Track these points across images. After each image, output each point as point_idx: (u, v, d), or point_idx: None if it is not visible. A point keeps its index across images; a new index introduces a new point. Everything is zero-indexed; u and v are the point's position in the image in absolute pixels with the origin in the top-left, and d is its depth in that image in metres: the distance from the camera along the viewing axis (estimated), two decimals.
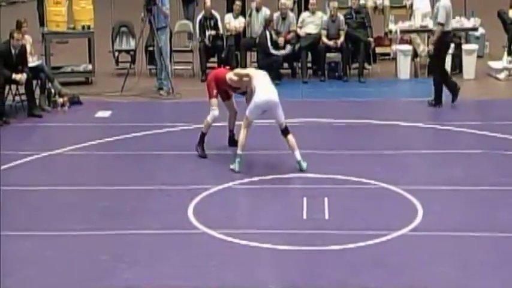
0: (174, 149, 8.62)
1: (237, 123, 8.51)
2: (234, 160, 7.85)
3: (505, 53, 11.57)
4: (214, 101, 8.32)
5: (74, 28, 11.67)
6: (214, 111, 8.27)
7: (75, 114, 10.08)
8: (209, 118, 8.30)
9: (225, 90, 8.45)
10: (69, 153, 8.57)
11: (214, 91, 8.35)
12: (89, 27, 11.57)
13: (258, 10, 11.91)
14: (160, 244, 6.26)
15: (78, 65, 11.73)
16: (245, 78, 8.10)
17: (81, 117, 9.94)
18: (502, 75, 11.40)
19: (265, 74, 8.19)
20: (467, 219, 6.63)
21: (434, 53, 10.05)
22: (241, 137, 7.87)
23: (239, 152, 7.84)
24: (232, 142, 8.55)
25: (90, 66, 11.64)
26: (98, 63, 11.73)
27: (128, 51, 12.10)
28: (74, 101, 10.48)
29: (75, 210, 6.95)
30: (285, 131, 7.91)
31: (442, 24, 9.82)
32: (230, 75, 8.26)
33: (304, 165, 7.78)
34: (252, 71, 8.51)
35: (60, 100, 10.37)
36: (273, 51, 11.32)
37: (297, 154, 7.81)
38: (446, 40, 9.99)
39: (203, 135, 8.35)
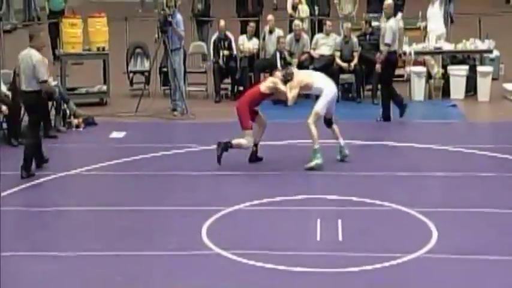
0: (188, 169, 8.63)
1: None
2: (314, 156, 8.37)
3: None
4: (249, 132, 8.50)
5: (89, 49, 11.78)
6: (250, 143, 8.50)
7: (90, 135, 10.14)
8: (244, 144, 8.47)
9: (254, 111, 8.61)
10: (84, 173, 8.60)
11: (250, 122, 8.51)
12: (103, 49, 11.68)
13: (271, 32, 11.98)
14: (174, 265, 6.25)
15: (93, 86, 11.82)
16: (306, 85, 8.61)
17: (96, 138, 10.00)
18: None
19: (311, 71, 9.09)
20: (482, 243, 6.57)
21: (381, 72, 10.43)
22: (314, 132, 8.46)
23: (316, 146, 8.41)
24: (255, 158, 8.63)
25: (104, 87, 11.72)
26: (113, 84, 11.82)
27: (142, 72, 12.19)
28: (89, 122, 10.54)
29: (90, 231, 6.97)
30: (331, 122, 8.73)
31: (388, 45, 10.29)
32: (276, 85, 8.51)
33: (346, 152, 8.63)
34: (302, 75, 8.84)
35: (75, 121, 10.44)
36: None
37: (341, 141, 8.72)
38: (392, 59, 10.44)
39: (230, 146, 8.43)
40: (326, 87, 8.66)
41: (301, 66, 11.61)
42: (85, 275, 6.06)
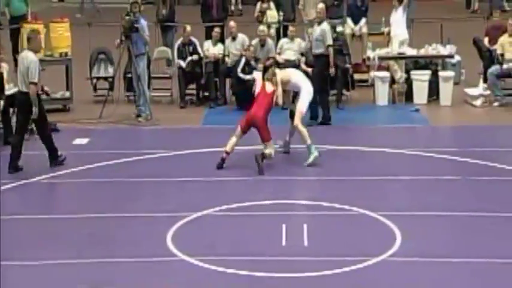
0: (153, 176, 8.57)
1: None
2: (310, 152, 8.68)
3: (481, 80, 11.73)
4: (271, 142, 8.76)
5: (51, 55, 11.63)
6: (273, 152, 8.75)
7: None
8: (272, 155, 8.72)
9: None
10: (46, 181, 8.48)
11: (269, 133, 8.77)
12: (66, 54, 11.54)
13: (234, 38, 11.97)
14: (139, 272, 6.19)
15: (55, 92, 11.65)
16: (284, 81, 8.97)
17: (58, 145, 9.78)
18: (478, 102, 11.53)
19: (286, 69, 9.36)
20: (445, 246, 6.65)
21: (324, 74, 10.56)
22: (303, 130, 8.81)
23: (309, 142, 8.74)
24: (222, 166, 8.78)
25: (67, 93, 11.58)
26: (76, 90, 11.68)
27: (106, 78, 12.07)
28: (51, 129, 10.35)
29: (52, 239, 6.87)
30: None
31: (331, 45, 10.64)
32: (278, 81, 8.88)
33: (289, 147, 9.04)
34: (284, 72, 9.22)
35: None
36: (240, 74, 11.36)
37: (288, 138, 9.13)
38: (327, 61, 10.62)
39: (263, 158, 8.60)
40: (304, 86, 9.06)
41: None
42: (48, 284, 5.96)
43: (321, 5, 11.13)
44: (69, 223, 7.24)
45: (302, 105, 9.00)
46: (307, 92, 9.06)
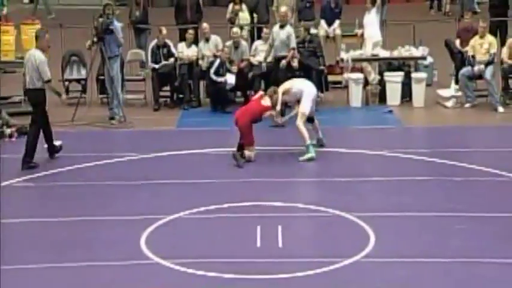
0: (127, 179, 8.51)
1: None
2: (308, 151, 8.94)
3: (453, 82, 11.85)
4: (252, 147, 8.92)
5: (22, 57, 11.47)
6: (253, 155, 8.92)
7: (24, 145, 9.86)
8: (252, 157, 8.89)
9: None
10: (17, 185, 8.37)
11: (252, 138, 8.90)
12: None
13: (207, 40, 11.95)
14: (113, 275, 6.15)
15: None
16: (285, 91, 9.23)
17: None
18: (449, 103, 11.65)
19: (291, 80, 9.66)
20: (418, 246, 6.70)
21: (286, 76, 10.71)
22: (304, 131, 9.08)
23: (308, 142, 9.02)
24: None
25: None
26: (48, 92, 11.53)
27: (78, 81, 11.97)
28: (22, 132, 10.27)
29: (26, 243, 6.79)
30: (313, 119, 9.50)
31: (294, 48, 11.07)
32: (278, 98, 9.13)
33: (324, 141, 9.41)
34: (284, 86, 9.40)
35: (8, 131, 10.18)
36: (212, 76, 11.35)
37: (320, 133, 9.48)
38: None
39: (242, 157, 8.78)
40: (305, 88, 9.31)
41: (240, 73, 11.63)
42: None
43: (284, 9, 11.26)
44: (41, 227, 7.16)
45: (304, 107, 9.18)
46: (308, 93, 9.28)
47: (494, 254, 6.47)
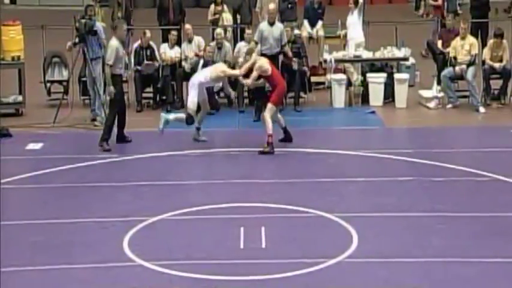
0: (109, 180, 8.47)
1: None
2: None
3: (435, 82, 11.92)
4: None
5: (3, 59, 11.40)
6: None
7: (5, 147, 9.79)
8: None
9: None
10: None
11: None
12: (19, 58, 11.32)
13: (190, 41, 11.91)
14: (96, 278, 6.12)
15: (7, 97, 11.43)
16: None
17: (11, 150, 9.66)
18: (432, 104, 11.72)
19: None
20: (400, 246, 6.73)
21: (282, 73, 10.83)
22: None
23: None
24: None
25: (20, 98, 11.36)
26: (29, 94, 11.47)
27: (60, 82, 11.89)
28: (3, 134, 10.19)
29: (6, 247, 6.71)
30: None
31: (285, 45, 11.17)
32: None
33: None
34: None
35: None
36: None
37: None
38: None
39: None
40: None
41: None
42: None
43: (273, 6, 11.23)
44: (21, 229, 7.10)
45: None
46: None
47: (474, 253, 6.52)
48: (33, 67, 11.89)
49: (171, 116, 9.77)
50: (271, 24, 11.02)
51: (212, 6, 13.45)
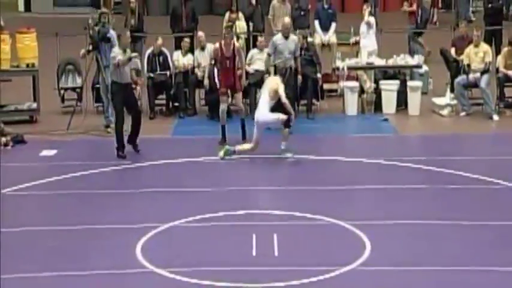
0: (122, 187, 8.49)
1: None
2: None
3: (448, 90, 11.88)
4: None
5: (17, 66, 11.48)
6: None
7: (19, 154, 9.85)
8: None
9: None
10: (12, 193, 8.35)
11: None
12: (33, 65, 11.40)
13: (202, 48, 11.95)
14: (109, 284, 6.13)
15: (22, 103, 11.51)
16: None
17: (25, 157, 9.72)
18: (445, 112, 11.68)
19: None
20: (414, 254, 6.70)
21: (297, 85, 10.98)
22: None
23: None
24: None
25: (34, 105, 11.44)
26: (43, 101, 11.55)
27: (74, 89, 11.96)
28: (18, 140, 10.26)
29: (20, 252, 6.76)
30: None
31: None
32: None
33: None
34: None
35: (3, 139, 10.14)
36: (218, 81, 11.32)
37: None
38: None
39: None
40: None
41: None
42: None
43: (287, 20, 11.22)
44: (36, 236, 7.13)
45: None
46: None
47: (488, 262, 6.47)
48: (47, 74, 11.97)
49: (237, 148, 9.39)
50: (286, 37, 10.98)
51: (227, 14, 13.49)
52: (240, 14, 13.43)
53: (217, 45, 10.15)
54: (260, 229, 7.23)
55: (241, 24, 13.35)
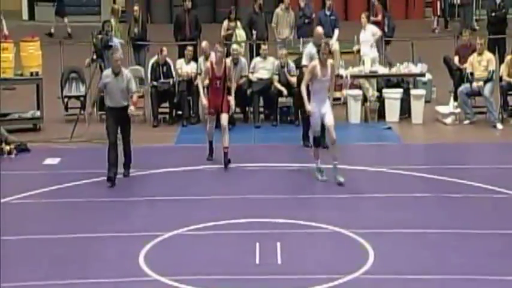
0: (125, 195, 8.49)
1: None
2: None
3: (451, 98, 11.87)
4: None
5: (21, 74, 11.51)
6: None
7: (23, 162, 9.86)
8: None
9: None
10: (16, 201, 8.35)
11: None
12: (37, 73, 11.43)
13: (206, 58, 11.96)
14: None
15: (25, 112, 11.54)
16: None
17: (29, 165, 9.74)
18: (448, 120, 11.66)
19: None
20: (417, 262, 6.68)
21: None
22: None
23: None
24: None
25: (38, 113, 11.46)
26: (47, 109, 11.56)
27: (77, 97, 11.98)
28: (21, 149, 10.27)
29: (24, 260, 6.76)
30: None
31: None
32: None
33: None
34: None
35: (7, 147, 10.15)
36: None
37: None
38: None
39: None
40: None
41: (239, 89, 11.63)
42: None
43: (321, 29, 10.56)
44: (39, 244, 7.13)
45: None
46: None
47: (492, 271, 6.45)
48: (51, 82, 11.99)
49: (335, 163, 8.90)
50: (319, 45, 9.92)
51: (226, 22, 13.52)
52: (239, 23, 13.44)
53: (208, 64, 9.97)
54: (263, 237, 7.22)
55: (240, 33, 13.37)
